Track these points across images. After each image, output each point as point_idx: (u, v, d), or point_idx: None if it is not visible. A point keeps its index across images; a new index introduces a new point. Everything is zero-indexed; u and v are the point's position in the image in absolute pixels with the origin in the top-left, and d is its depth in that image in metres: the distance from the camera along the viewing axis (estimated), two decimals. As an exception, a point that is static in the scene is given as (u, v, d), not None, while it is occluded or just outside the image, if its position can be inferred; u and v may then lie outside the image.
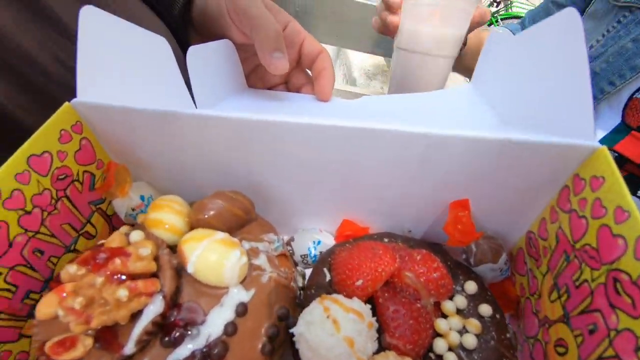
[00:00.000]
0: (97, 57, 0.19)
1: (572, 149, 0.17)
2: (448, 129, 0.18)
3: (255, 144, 0.20)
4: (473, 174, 0.20)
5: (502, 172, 0.19)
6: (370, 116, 0.24)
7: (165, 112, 0.19)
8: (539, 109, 0.19)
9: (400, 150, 0.19)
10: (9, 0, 0.20)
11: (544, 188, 0.19)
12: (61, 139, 0.19)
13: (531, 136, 0.17)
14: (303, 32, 0.29)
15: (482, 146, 0.18)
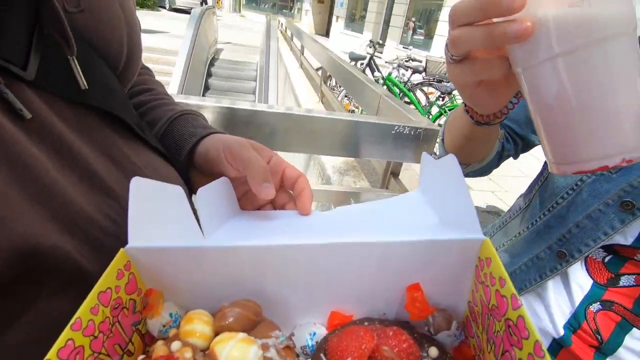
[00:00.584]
0: (140, 214, 0.27)
1: (474, 242, 0.25)
2: (394, 236, 0.27)
3: (259, 263, 0.28)
4: (420, 264, 0.28)
5: (441, 259, 0.27)
6: (340, 228, 0.32)
7: (185, 247, 0.27)
8: (452, 215, 0.28)
9: (364, 256, 0.27)
10: (71, 170, 0.28)
11: (468, 268, 0.27)
12: (117, 276, 0.26)
13: (453, 234, 0.26)
14: (284, 162, 0.39)
15: (421, 245, 0.26)
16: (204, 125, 0.42)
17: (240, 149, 0.36)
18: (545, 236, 0.53)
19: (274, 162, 0.38)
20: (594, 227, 0.47)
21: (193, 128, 0.40)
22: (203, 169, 0.39)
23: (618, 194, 0.45)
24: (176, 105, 0.45)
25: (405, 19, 10.23)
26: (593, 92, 0.24)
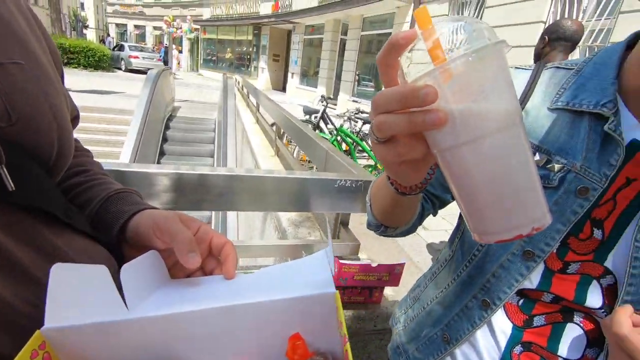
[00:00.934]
0: (59, 296, 0.30)
1: (330, 295, 0.32)
2: (277, 295, 0.32)
3: (173, 330, 0.31)
4: (298, 316, 0.33)
5: (313, 310, 0.33)
6: (246, 290, 0.36)
7: (102, 323, 0.30)
8: (316, 275, 0.35)
9: (254, 314, 0.32)
10: None
11: (333, 315, 0.32)
12: (31, 356, 0.27)
13: (315, 291, 0.32)
14: (211, 231, 0.43)
15: (295, 301, 0.32)
16: (136, 202, 0.46)
17: (167, 223, 0.39)
18: (470, 286, 0.56)
19: (202, 231, 0.42)
20: (507, 275, 0.51)
21: (124, 206, 0.44)
22: (134, 243, 0.42)
23: (520, 244, 0.50)
24: (111, 184, 0.48)
25: (355, 73, 11.09)
26: (496, 174, 0.28)
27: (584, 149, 0.45)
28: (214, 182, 1.05)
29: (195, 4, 21.79)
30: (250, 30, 17.95)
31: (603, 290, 0.47)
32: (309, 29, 14.14)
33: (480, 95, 0.27)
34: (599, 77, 0.46)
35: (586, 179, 0.45)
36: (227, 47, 20.60)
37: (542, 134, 0.48)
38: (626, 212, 0.45)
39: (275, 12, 15.21)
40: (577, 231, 0.47)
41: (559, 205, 0.47)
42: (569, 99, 0.47)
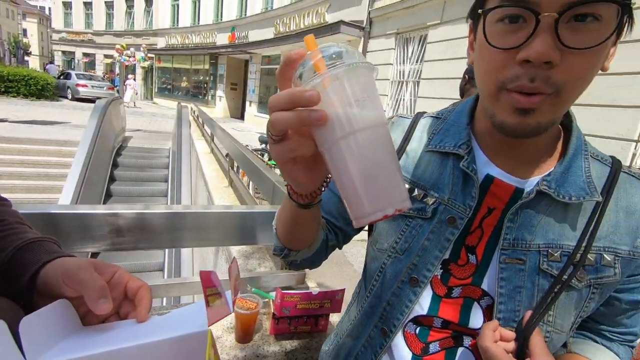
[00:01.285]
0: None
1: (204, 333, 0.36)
2: (166, 334, 0.35)
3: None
4: (178, 354, 0.37)
5: (186, 348, 0.36)
6: (144, 332, 0.39)
7: None
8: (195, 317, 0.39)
9: (141, 355, 0.36)
10: None
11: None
12: None
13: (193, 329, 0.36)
14: (127, 275, 0.45)
15: (182, 339, 0.36)
16: (49, 250, 0.46)
17: (77, 272, 0.41)
18: (372, 316, 0.59)
19: (117, 276, 0.44)
20: (398, 302, 0.55)
21: (36, 255, 0.45)
22: (45, 292, 0.43)
23: (407, 271, 0.54)
24: (26, 233, 0.49)
25: (312, 102, 11.43)
26: (366, 164, 0.34)
27: (450, 183, 0.53)
28: (154, 221, 1.05)
29: (150, 33, 21.49)
30: (207, 59, 17.97)
31: (483, 311, 0.52)
32: (265, 59, 14.46)
33: (352, 99, 0.33)
34: (458, 124, 0.55)
35: (453, 209, 0.52)
36: (183, 75, 20.39)
37: (419, 172, 0.56)
38: (492, 237, 0.51)
39: (232, 43, 15.42)
40: (456, 258, 0.53)
41: (434, 234, 0.53)
42: (437, 142, 0.55)
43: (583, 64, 0.38)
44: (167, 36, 20.05)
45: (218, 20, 16.83)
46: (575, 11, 0.36)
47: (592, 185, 0.48)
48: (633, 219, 0.49)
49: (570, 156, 0.49)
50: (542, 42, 0.37)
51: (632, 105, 3.88)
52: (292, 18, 11.46)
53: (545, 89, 0.39)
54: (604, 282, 0.49)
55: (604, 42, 0.37)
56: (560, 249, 0.48)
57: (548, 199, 0.48)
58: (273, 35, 12.39)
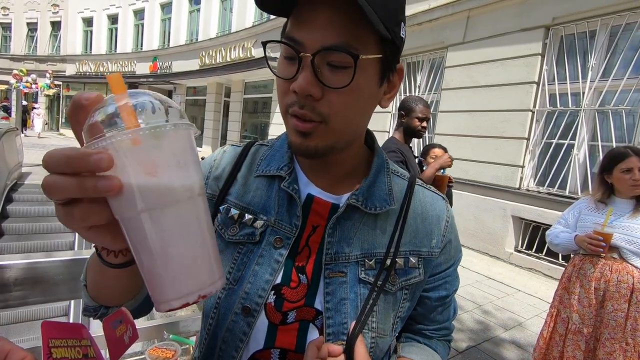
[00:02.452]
0: None
1: None
2: None
3: None
4: None
5: None
6: None
7: None
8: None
9: None
10: None
11: None
12: None
13: None
14: (8, 346, 0.40)
15: None
16: None
17: None
18: (210, 359, 0.54)
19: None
20: (233, 338, 0.51)
21: None
22: None
23: (240, 302, 0.51)
24: None
25: (240, 133, 11.34)
26: (169, 244, 0.29)
27: (276, 205, 0.54)
28: (50, 271, 0.93)
29: (57, 58, 19.59)
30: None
31: (320, 331, 0.51)
32: (191, 90, 14.10)
33: (161, 166, 0.28)
34: (282, 150, 0.58)
35: (280, 230, 0.53)
36: (97, 105, 18.77)
37: (249, 197, 0.56)
38: (318, 254, 0.53)
39: (153, 73, 14.79)
40: (288, 280, 0.52)
41: (263, 257, 0.52)
42: (264, 167, 0.57)
43: (341, 100, 0.44)
44: (79, 63, 18.45)
45: (138, 49, 16.08)
46: (328, 55, 0.42)
47: (392, 196, 0.55)
48: (427, 223, 0.57)
49: (373, 173, 0.56)
50: (303, 78, 0.43)
51: (515, 137, 4.61)
52: (218, 51, 11.48)
53: (313, 116, 0.45)
54: (411, 282, 0.55)
55: (349, 85, 0.42)
56: (374, 257, 0.53)
57: (360, 212, 0.53)
58: (198, 67, 12.21)
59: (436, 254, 0.57)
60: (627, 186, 1.67)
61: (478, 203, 4.92)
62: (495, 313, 3.15)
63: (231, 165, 0.60)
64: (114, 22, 17.24)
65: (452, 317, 0.65)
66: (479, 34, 5.04)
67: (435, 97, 5.77)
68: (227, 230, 0.55)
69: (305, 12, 0.43)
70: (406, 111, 2.15)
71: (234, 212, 0.56)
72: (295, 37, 0.43)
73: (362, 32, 0.42)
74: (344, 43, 0.41)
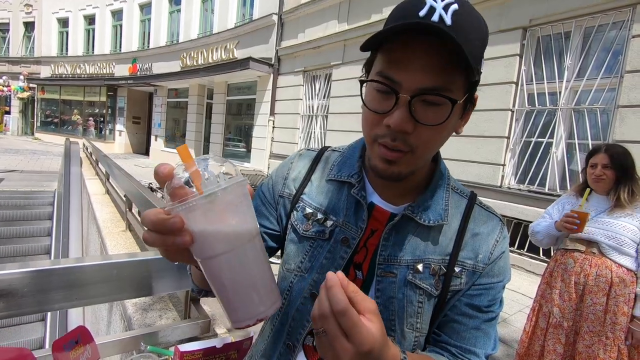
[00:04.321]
0: None
1: None
2: None
3: None
4: None
5: None
6: None
7: None
8: None
9: None
10: None
11: None
12: None
13: None
14: None
15: None
16: None
17: None
18: (281, 333, 0.63)
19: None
20: (301, 317, 0.60)
21: None
22: None
23: (309, 288, 0.60)
24: None
25: (224, 135, 11.18)
26: (234, 280, 0.38)
27: (345, 208, 0.61)
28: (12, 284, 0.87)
29: (30, 60, 18.88)
30: (104, 91, 16.45)
31: None
32: (172, 92, 13.84)
33: (222, 222, 0.36)
34: (352, 158, 0.65)
35: (347, 231, 0.60)
36: (74, 108, 18.19)
37: (321, 198, 0.63)
38: (374, 255, 0.59)
39: (133, 74, 14.45)
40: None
41: (331, 253, 0.60)
42: (335, 173, 0.64)
43: (430, 134, 0.49)
44: (54, 65, 17.85)
45: (116, 50, 15.68)
46: (423, 97, 0.46)
47: (447, 212, 0.59)
48: (477, 239, 0.59)
49: (432, 188, 0.60)
50: (399, 115, 0.47)
51: (496, 136, 4.70)
52: (200, 52, 11.31)
53: (403, 147, 0.49)
54: (452, 289, 0.58)
55: (444, 122, 0.48)
56: (422, 263, 0.57)
57: (414, 223, 0.58)
58: (180, 69, 12.00)
59: (480, 269, 0.58)
60: (590, 181, 1.76)
61: (461, 201, 4.98)
62: (480, 310, 3.19)
63: (306, 168, 0.67)
64: (90, 23, 16.77)
65: (486, 349, 0.59)
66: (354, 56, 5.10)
67: (418, 98, 5.83)
68: (301, 226, 0.63)
69: (400, 52, 0.46)
70: None
71: (309, 210, 0.63)
72: (392, 77, 0.47)
73: (455, 74, 0.46)
74: (439, 86, 0.46)
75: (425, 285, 0.56)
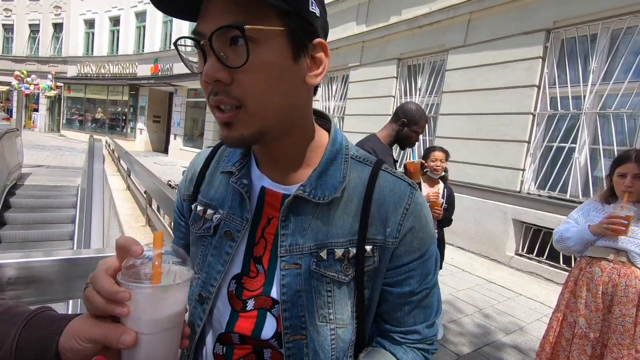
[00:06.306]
0: None
1: None
2: None
3: None
4: None
5: None
6: None
7: None
8: None
9: None
10: None
11: None
12: None
13: None
14: None
15: None
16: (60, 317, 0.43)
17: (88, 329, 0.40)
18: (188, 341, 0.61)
19: None
20: (192, 322, 0.57)
21: None
22: None
23: (198, 290, 0.57)
24: None
25: (241, 136, 11.31)
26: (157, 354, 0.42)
27: (230, 199, 0.57)
28: (43, 271, 0.92)
29: (58, 60, 19.63)
30: (127, 90, 16.94)
31: (277, 320, 0.52)
32: (192, 92, 14.13)
33: (163, 308, 0.41)
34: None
35: (231, 223, 0.55)
36: (98, 106, 18.81)
37: (211, 193, 0.60)
38: (274, 246, 0.53)
39: (154, 74, 14.83)
40: (247, 270, 0.54)
41: (216, 249, 0.56)
42: (224, 164, 0.60)
43: (250, 80, 0.44)
44: (80, 64, 18.51)
45: (139, 50, 16.13)
46: (225, 36, 0.42)
47: (343, 185, 0.53)
48: (383, 209, 0.53)
49: (324, 161, 0.54)
50: (209, 64, 0.44)
51: (516, 140, 4.60)
52: (219, 53, 11.48)
53: (229, 101, 0.45)
54: (366, 270, 0.53)
55: (249, 61, 0.42)
56: (325, 249, 0.52)
57: (311, 204, 0.52)
58: (199, 69, 12.23)
59: (391, 243, 0.53)
60: (620, 191, 1.67)
61: (479, 206, 4.90)
62: (496, 317, 3.13)
63: (200, 166, 0.63)
64: (115, 24, 17.31)
65: (427, 321, 0.57)
66: (480, 37, 5.04)
67: (436, 100, 5.77)
68: (195, 225, 0.60)
69: (203, 7, 0.44)
70: (410, 121, 2.01)
71: (199, 208, 0.60)
72: (196, 30, 0.44)
73: (258, 9, 0.42)
74: (237, 22, 0.41)
75: (330, 273, 0.52)
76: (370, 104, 6.80)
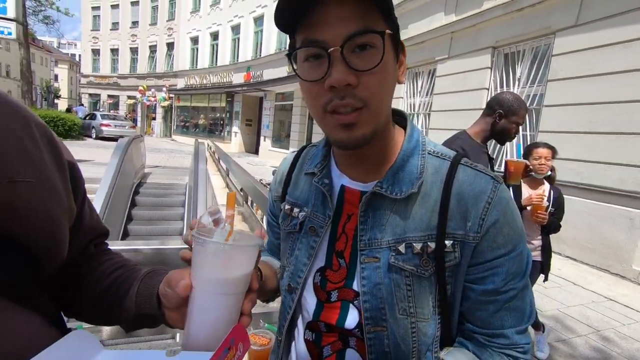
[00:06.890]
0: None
1: None
2: None
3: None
4: None
5: None
6: None
7: None
8: None
9: None
10: None
11: None
12: None
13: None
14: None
15: None
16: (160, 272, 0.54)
17: None
18: (280, 326, 0.68)
19: None
20: (283, 309, 0.64)
21: None
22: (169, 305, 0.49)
23: (287, 281, 0.62)
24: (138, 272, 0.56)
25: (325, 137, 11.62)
26: (217, 317, 0.45)
27: (313, 198, 0.61)
28: (170, 257, 1.08)
29: (170, 75, 22.75)
30: (224, 97, 18.75)
31: (359, 311, 0.55)
32: (279, 96, 14.99)
33: (230, 268, 0.44)
34: (320, 147, 0.64)
35: (315, 220, 0.60)
36: (201, 113, 21.24)
37: (297, 193, 0.65)
38: (354, 240, 0.56)
39: (247, 82, 16.13)
40: (330, 264, 0.58)
41: (302, 243, 0.61)
42: (308, 166, 0.64)
43: (375, 81, 0.47)
44: (187, 77, 21.14)
45: (234, 61, 17.71)
46: (354, 42, 0.45)
47: (420, 180, 0.53)
48: (462, 203, 0.52)
49: (401, 158, 0.55)
50: (337, 71, 0.45)
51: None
52: (305, 57, 11.95)
53: (355, 103, 0.47)
54: (447, 266, 0.52)
55: (381, 63, 0.46)
56: (404, 243, 0.52)
57: (388, 200, 0.54)
58: (286, 74, 12.92)
59: (473, 238, 0.51)
60: None
61: (592, 210, 4.22)
62: (619, 341, 2.66)
63: (287, 169, 0.69)
64: (215, 39, 19.30)
65: (517, 326, 0.53)
66: (596, 14, 4.33)
67: (539, 90, 5.13)
68: (284, 222, 0.66)
69: (315, 16, 0.45)
70: (507, 111, 1.77)
71: (287, 207, 0.65)
72: (317, 39, 0.46)
73: (373, 17, 0.46)
74: (364, 27, 0.45)
75: (409, 267, 0.52)
76: (459, 98, 6.36)
